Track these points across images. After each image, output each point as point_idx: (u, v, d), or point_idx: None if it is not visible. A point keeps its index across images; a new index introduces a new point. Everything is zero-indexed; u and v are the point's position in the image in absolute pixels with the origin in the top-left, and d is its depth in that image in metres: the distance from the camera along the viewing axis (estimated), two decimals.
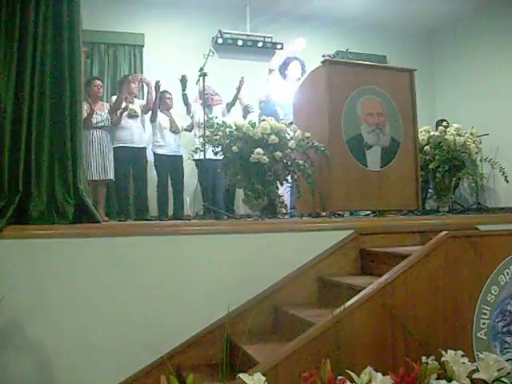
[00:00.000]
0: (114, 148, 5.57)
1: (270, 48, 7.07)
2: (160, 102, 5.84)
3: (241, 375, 2.03)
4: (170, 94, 5.98)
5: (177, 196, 5.88)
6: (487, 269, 2.65)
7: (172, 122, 5.86)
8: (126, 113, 5.50)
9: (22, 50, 3.22)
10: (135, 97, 5.86)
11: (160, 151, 5.77)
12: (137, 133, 5.60)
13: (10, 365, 2.77)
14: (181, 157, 5.86)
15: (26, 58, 3.22)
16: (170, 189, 5.89)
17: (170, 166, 5.81)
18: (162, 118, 5.83)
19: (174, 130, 5.84)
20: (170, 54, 6.66)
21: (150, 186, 5.83)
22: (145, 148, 5.72)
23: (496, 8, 6.75)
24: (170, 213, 5.85)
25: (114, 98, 5.66)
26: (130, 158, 5.55)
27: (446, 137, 4.99)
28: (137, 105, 5.68)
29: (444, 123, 5.24)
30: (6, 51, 3.20)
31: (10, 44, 3.21)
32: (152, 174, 5.89)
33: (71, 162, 3.28)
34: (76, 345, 2.87)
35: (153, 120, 5.73)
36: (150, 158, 5.83)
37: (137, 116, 5.61)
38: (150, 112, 5.72)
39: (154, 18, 6.76)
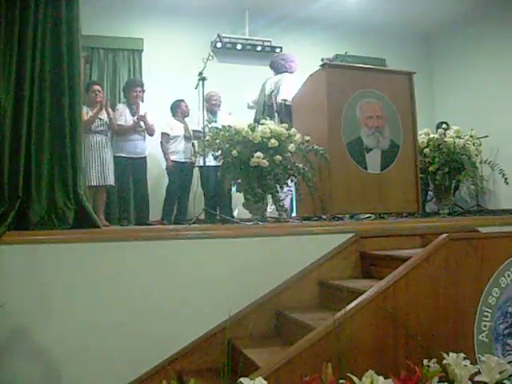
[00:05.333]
0: (114, 156, 5.60)
1: (269, 52, 7.08)
2: (178, 110, 5.97)
3: (242, 380, 2.03)
4: (185, 102, 6.03)
5: (181, 201, 5.90)
6: (488, 271, 2.65)
7: (186, 129, 5.92)
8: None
9: (22, 56, 3.23)
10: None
11: (172, 157, 5.83)
12: (140, 144, 5.64)
13: (13, 369, 2.77)
14: (191, 163, 5.90)
15: (25, 63, 3.23)
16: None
17: (181, 172, 5.85)
18: (176, 125, 5.89)
19: (188, 136, 5.90)
20: (169, 59, 6.67)
21: (153, 191, 5.87)
22: (145, 157, 5.74)
23: (495, 10, 6.75)
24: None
25: (120, 106, 5.72)
26: (130, 167, 5.60)
27: (446, 139, 4.99)
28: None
29: (444, 126, 5.24)
30: (5, 57, 3.20)
31: (10, 50, 3.22)
32: (156, 180, 5.92)
33: (71, 167, 3.29)
34: (77, 350, 2.86)
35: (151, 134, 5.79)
36: (150, 165, 5.84)
37: (141, 130, 5.64)
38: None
39: (152, 22, 6.77)
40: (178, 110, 6.00)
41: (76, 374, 2.85)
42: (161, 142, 5.88)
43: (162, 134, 5.85)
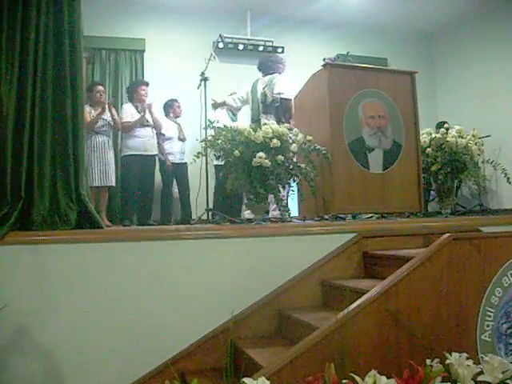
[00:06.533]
0: (123, 156, 5.64)
1: (270, 52, 7.07)
2: (170, 110, 6.02)
3: (245, 380, 2.03)
4: (178, 102, 6.07)
5: (184, 202, 5.91)
6: (491, 271, 2.64)
7: (180, 130, 5.91)
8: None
9: (24, 57, 3.23)
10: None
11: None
12: (149, 141, 5.64)
13: (16, 369, 2.77)
14: (186, 164, 5.90)
15: (27, 64, 3.23)
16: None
17: (175, 173, 5.84)
18: (170, 126, 5.88)
19: (182, 138, 5.90)
20: (171, 59, 6.68)
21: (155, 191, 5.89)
22: (155, 155, 5.76)
23: (497, 10, 6.75)
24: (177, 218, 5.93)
25: (127, 106, 5.71)
26: (140, 165, 5.59)
27: (448, 139, 4.98)
28: (147, 113, 5.68)
29: (445, 125, 5.23)
30: (7, 58, 3.21)
31: (12, 51, 3.22)
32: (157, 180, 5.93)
33: (73, 167, 3.29)
34: (80, 350, 2.87)
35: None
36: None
37: (149, 125, 5.63)
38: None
39: (154, 23, 6.78)
40: (169, 110, 6.01)
41: (78, 374, 2.85)
42: (157, 142, 5.85)
43: (158, 134, 5.84)
